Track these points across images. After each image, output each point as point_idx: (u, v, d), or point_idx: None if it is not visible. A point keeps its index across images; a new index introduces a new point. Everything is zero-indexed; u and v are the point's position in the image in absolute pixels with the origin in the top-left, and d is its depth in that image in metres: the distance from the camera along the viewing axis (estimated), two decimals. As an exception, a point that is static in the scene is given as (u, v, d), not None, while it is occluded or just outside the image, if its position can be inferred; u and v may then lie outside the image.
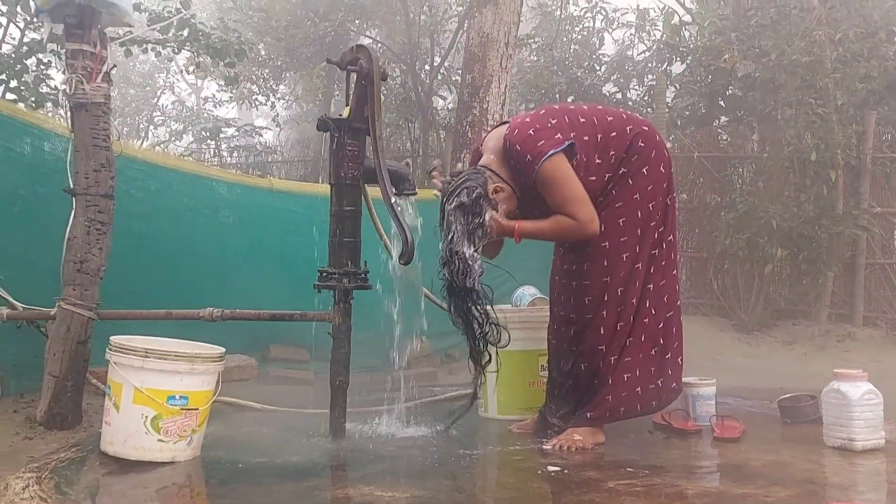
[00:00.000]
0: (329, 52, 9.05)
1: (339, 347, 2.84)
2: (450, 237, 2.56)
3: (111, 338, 2.56)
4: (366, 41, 9.98)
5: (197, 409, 2.53)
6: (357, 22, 9.69)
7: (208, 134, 10.10)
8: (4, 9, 5.18)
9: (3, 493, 2.04)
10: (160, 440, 2.46)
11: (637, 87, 9.71)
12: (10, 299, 3.45)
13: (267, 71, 9.59)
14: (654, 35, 9.60)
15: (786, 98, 6.83)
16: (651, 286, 2.75)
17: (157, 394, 2.46)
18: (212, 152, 10.74)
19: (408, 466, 2.46)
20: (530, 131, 2.63)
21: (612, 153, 2.74)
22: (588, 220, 2.62)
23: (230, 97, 10.63)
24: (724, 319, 7.17)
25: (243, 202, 4.81)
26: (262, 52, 9.30)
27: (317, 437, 2.86)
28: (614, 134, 2.76)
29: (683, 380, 2.96)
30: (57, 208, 3.32)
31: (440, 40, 9.61)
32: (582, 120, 2.74)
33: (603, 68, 9.69)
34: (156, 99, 11.80)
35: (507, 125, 2.77)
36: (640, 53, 9.75)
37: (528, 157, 2.59)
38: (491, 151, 2.75)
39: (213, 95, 11.49)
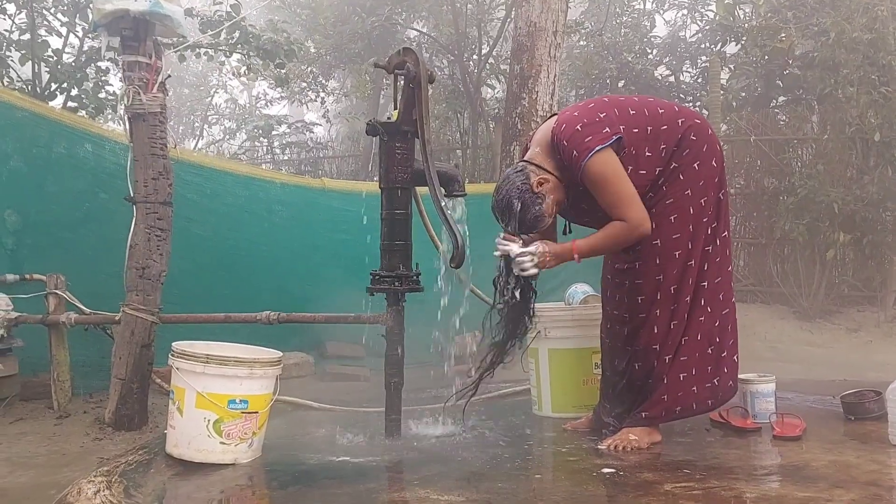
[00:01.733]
0: (377, 47, 9.10)
1: (392, 349, 2.88)
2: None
3: (173, 344, 2.64)
4: (413, 34, 9.99)
5: (257, 412, 2.60)
6: (404, 15, 9.69)
7: (260, 132, 10.27)
8: (65, 19, 5.36)
9: (76, 497, 2.14)
10: (222, 443, 2.54)
11: (690, 70, 9.50)
12: (79, 304, 3.60)
13: (316, 67, 9.68)
14: (707, 15, 9.36)
15: (847, 76, 6.58)
16: (705, 284, 2.70)
17: (218, 398, 2.53)
18: (264, 150, 10.93)
19: (462, 468, 2.48)
20: (577, 126, 2.59)
21: (662, 146, 2.67)
22: (639, 222, 2.58)
23: (281, 95, 10.78)
24: (784, 307, 6.98)
25: (297, 202, 4.91)
26: (311, 50, 9.39)
27: (372, 436, 2.91)
28: (665, 127, 2.69)
29: (741, 376, 2.90)
30: (119, 213, 3.44)
31: (488, 29, 9.54)
32: (632, 112, 2.69)
33: (654, 51, 9.49)
34: (209, 98, 12.02)
35: (555, 118, 2.74)
36: (693, 35, 9.53)
37: (575, 153, 2.56)
38: (537, 144, 2.72)
39: (265, 93, 11.66)
